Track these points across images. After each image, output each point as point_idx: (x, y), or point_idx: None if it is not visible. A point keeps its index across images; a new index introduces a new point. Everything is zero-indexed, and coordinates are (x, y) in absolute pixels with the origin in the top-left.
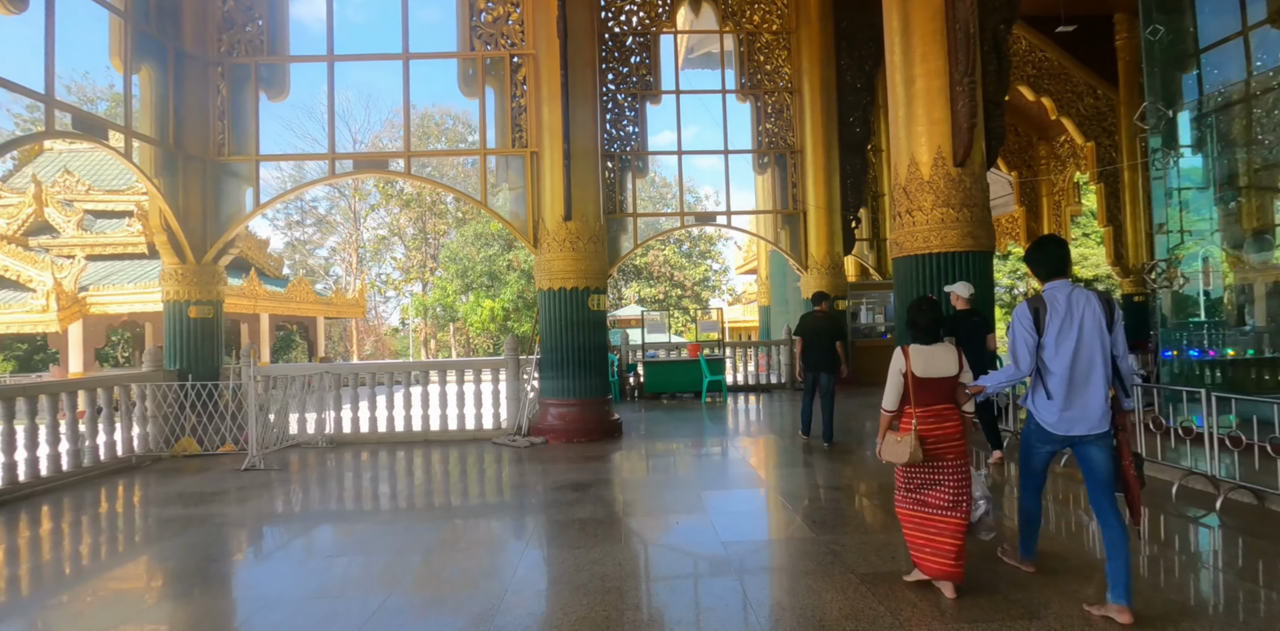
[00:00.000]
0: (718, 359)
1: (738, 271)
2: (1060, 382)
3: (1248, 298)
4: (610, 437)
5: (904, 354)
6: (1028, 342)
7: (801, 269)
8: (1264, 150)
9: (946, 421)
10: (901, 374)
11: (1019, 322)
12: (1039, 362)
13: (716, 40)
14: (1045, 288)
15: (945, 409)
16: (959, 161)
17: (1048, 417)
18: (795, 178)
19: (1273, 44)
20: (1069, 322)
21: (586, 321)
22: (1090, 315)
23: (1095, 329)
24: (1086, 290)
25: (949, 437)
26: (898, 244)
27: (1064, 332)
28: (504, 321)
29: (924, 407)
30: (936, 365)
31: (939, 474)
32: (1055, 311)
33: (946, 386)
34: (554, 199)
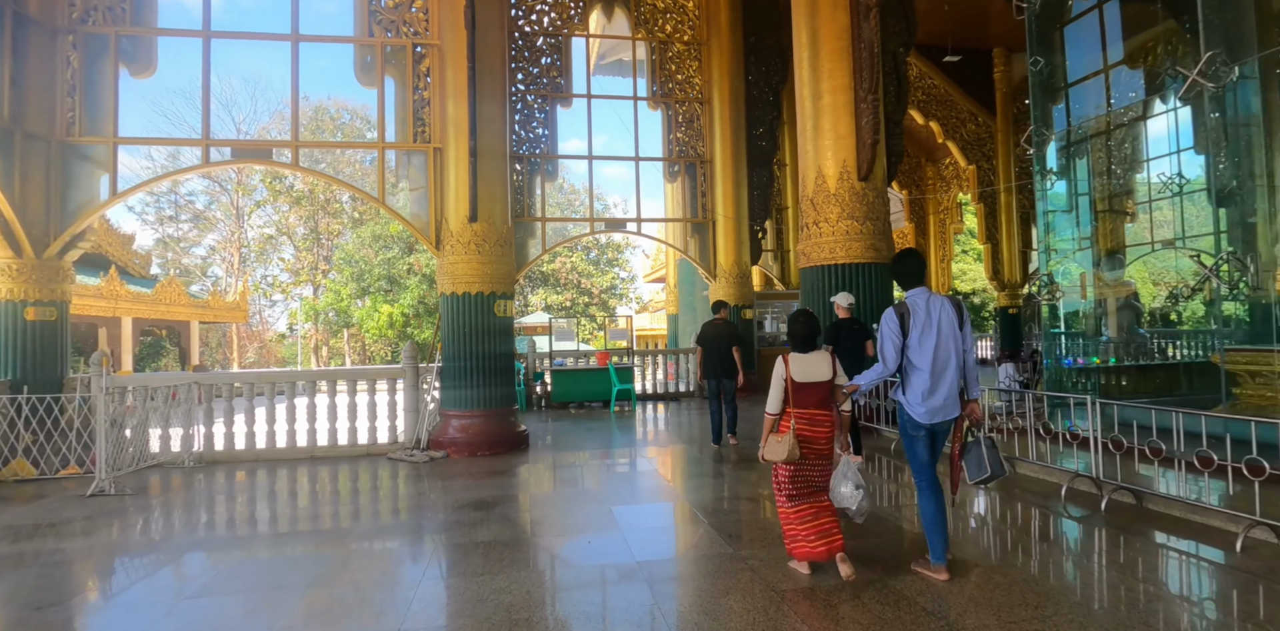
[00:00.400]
0: (626, 367)
1: (645, 279)
2: (924, 377)
3: (1104, 311)
4: (516, 450)
5: (784, 361)
6: (895, 343)
7: (710, 278)
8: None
9: (819, 426)
10: (782, 379)
11: (887, 326)
12: (905, 360)
13: (628, 47)
14: (907, 295)
15: (819, 414)
16: (863, 176)
17: (917, 409)
18: (705, 187)
19: (1125, 83)
20: (929, 325)
21: (492, 328)
22: (946, 318)
23: (950, 329)
24: (940, 296)
25: (821, 440)
26: (805, 254)
27: (925, 333)
28: (403, 328)
29: (802, 410)
30: (813, 371)
31: (814, 469)
32: (917, 315)
33: (822, 390)
34: (459, 199)
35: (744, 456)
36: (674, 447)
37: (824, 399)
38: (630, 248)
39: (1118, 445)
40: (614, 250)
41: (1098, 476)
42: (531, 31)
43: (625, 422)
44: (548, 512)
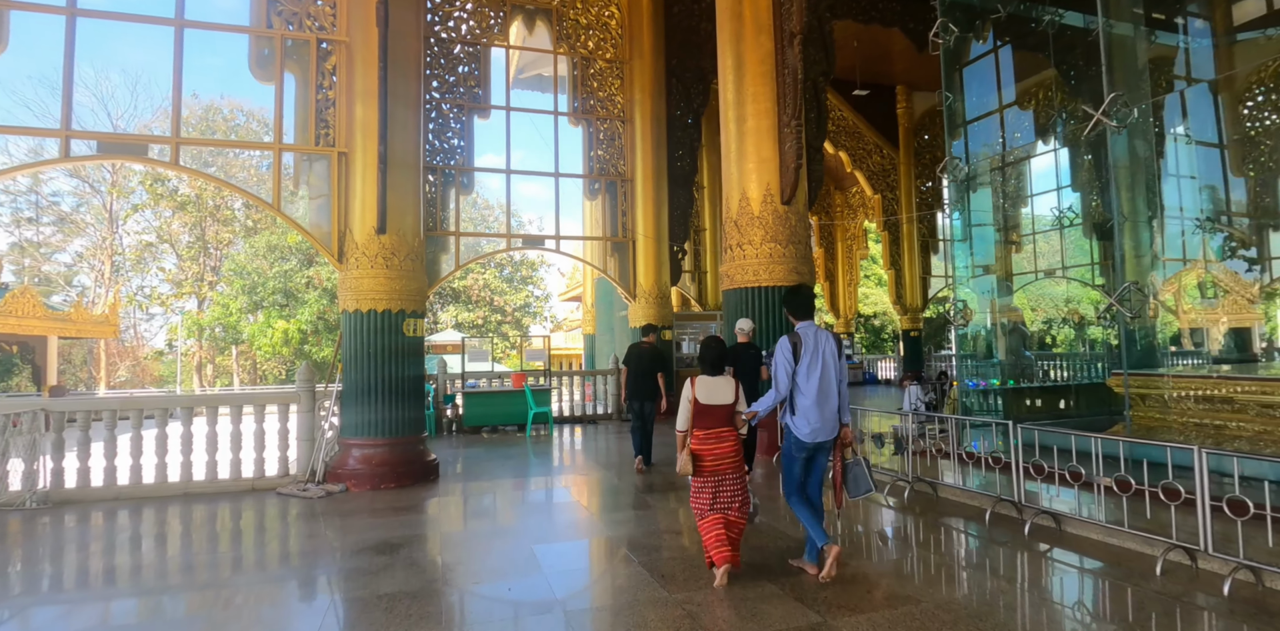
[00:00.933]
0: (544, 389)
1: (560, 298)
2: (810, 401)
3: (1008, 335)
4: (425, 481)
5: (692, 384)
6: (788, 370)
7: (630, 298)
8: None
9: (724, 442)
10: (689, 401)
11: (781, 354)
12: (794, 386)
13: (549, 62)
14: (798, 326)
15: (724, 431)
16: (786, 199)
17: (803, 430)
18: (625, 206)
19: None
20: (816, 354)
21: (401, 348)
22: (829, 348)
23: (832, 359)
24: (823, 329)
25: (727, 455)
26: (728, 276)
27: (813, 362)
28: (300, 345)
29: (705, 430)
30: (717, 394)
31: (724, 484)
32: (807, 346)
33: (724, 412)
34: (366, 208)
35: (667, 483)
36: (595, 475)
37: (726, 419)
38: (545, 265)
39: (1038, 469)
40: (528, 268)
41: (1020, 500)
42: (449, 38)
43: (542, 448)
44: (462, 554)
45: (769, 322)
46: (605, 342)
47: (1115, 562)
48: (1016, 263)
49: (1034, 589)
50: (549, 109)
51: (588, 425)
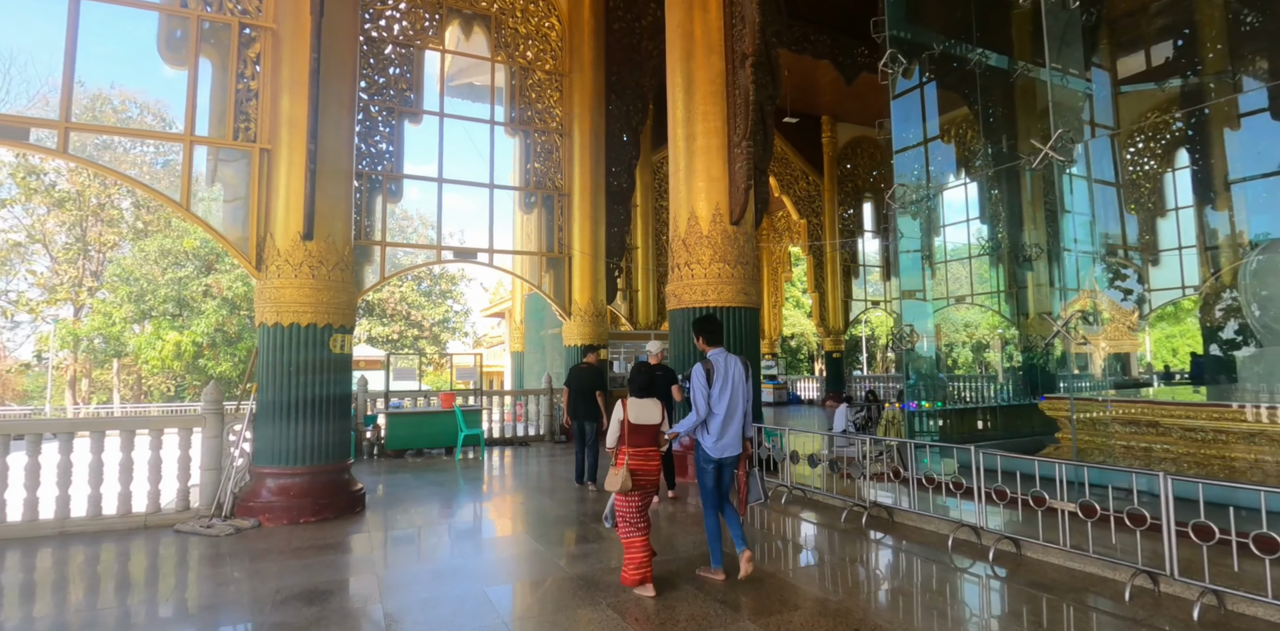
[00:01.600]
0: (475, 410)
1: (483, 314)
2: (719, 421)
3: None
4: (351, 514)
5: (624, 405)
6: (704, 394)
7: (564, 315)
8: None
9: (650, 460)
10: (620, 421)
11: (698, 379)
12: (709, 408)
13: (485, 70)
14: (710, 354)
15: (650, 450)
16: (735, 219)
17: (711, 445)
18: (562, 221)
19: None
20: (726, 379)
21: (326, 366)
22: (737, 373)
23: (740, 383)
24: (733, 355)
25: (652, 473)
26: (675, 296)
27: (724, 386)
28: (194, 359)
29: (635, 448)
30: (645, 415)
31: (645, 500)
32: (719, 371)
33: (651, 432)
34: (291, 212)
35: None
36: (537, 503)
37: (653, 438)
38: (466, 280)
39: (1000, 494)
40: (448, 282)
41: (983, 526)
42: (379, 38)
43: (474, 472)
44: (406, 601)
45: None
46: (535, 360)
47: (1082, 587)
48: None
49: (1011, 618)
50: (485, 117)
51: (519, 447)
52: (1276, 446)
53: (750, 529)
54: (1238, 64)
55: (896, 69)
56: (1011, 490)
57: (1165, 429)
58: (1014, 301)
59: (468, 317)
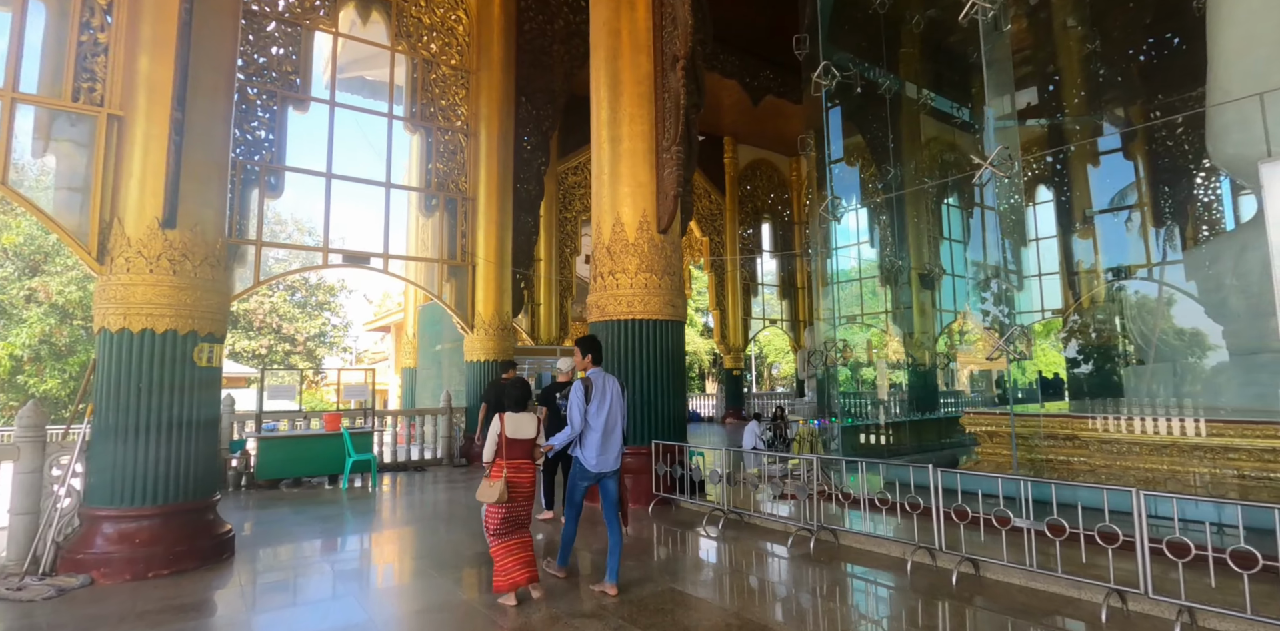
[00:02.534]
0: (365, 432)
1: (366, 327)
2: (597, 437)
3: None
4: (216, 562)
5: (501, 419)
6: (582, 410)
7: (466, 328)
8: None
9: (524, 473)
10: (497, 434)
11: (576, 396)
12: (585, 424)
13: (384, 61)
14: (590, 372)
15: (525, 463)
16: (663, 228)
17: (591, 461)
18: (466, 227)
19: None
20: (604, 397)
21: (189, 382)
22: (614, 392)
23: (617, 401)
24: (609, 375)
25: (526, 485)
26: (599, 307)
27: (601, 403)
28: (11, 376)
29: (511, 460)
30: (522, 429)
31: (520, 509)
32: (597, 388)
33: (527, 446)
34: (148, 193)
35: (553, 542)
36: (450, 540)
37: (529, 451)
38: (346, 291)
39: (960, 514)
40: (326, 293)
41: (941, 547)
42: (261, 12)
43: (365, 505)
44: None
45: (642, 357)
46: (429, 377)
47: (1053, 610)
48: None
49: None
50: (383, 110)
51: (415, 473)
52: (1188, 457)
53: (690, 559)
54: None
55: (830, 81)
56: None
57: (1083, 442)
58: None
59: (347, 331)
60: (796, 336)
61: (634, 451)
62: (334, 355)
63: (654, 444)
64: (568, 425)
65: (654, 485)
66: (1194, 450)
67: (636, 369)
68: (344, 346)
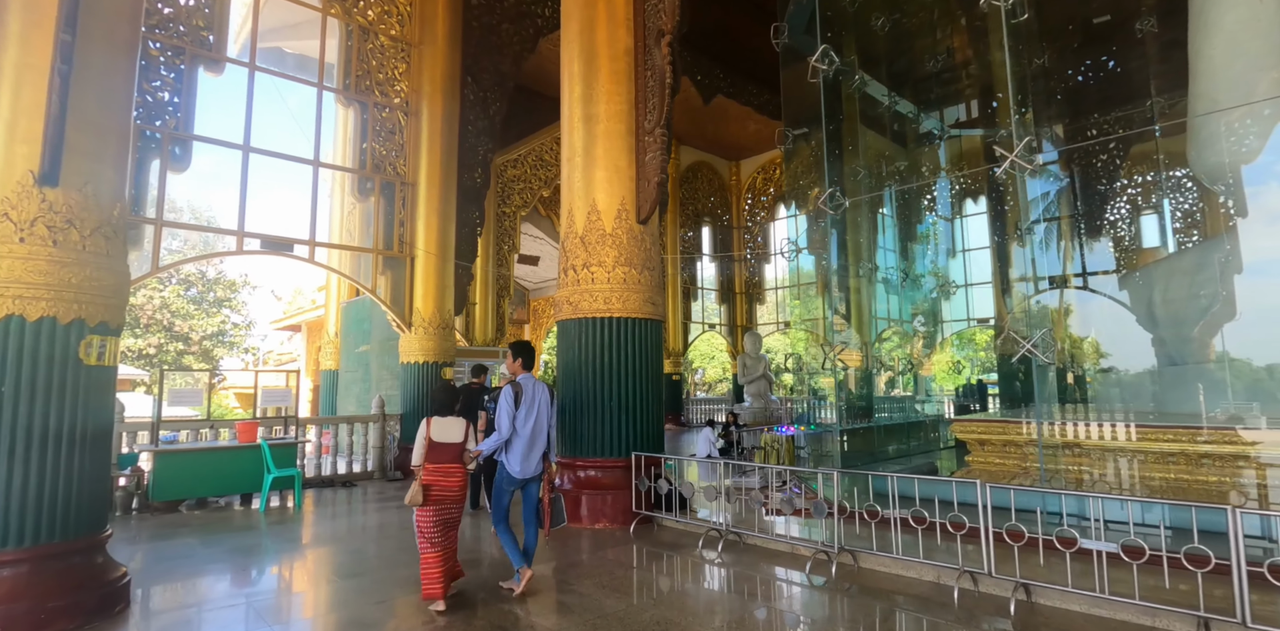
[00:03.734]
0: (288, 444)
1: (274, 327)
2: (523, 443)
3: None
4: (106, 621)
5: (427, 423)
6: (510, 415)
7: (403, 327)
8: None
9: (451, 477)
10: (424, 438)
11: (505, 401)
12: (513, 429)
13: (313, 26)
14: (519, 378)
15: (452, 467)
16: (643, 218)
17: (515, 467)
18: (404, 215)
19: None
20: (532, 403)
21: (72, 386)
22: (542, 398)
23: (545, 408)
24: (539, 381)
25: (453, 489)
26: (570, 303)
27: (529, 410)
28: None
29: (436, 464)
30: (448, 433)
31: (451, 514)
32: (526, 395)
33: (454, 450)
34: (19, 136)
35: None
36: (399, 578)
37: (456, 456)
38: (250, 287)
39: (1016, 535)
40: (226, 288)
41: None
42: None
43: (288, 530)
44: None
45: (619, 359)
46: (355, 381)
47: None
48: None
49: None
50: (312, 79)
51: (343, 489)
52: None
53: (691, 588)
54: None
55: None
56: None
57: (1084, 450)
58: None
59: (250, 330)
60: (735, 341)
61: (607, 464)
62: (234, 356)
63: (634, 456)
64: (495, 431)
65: (634, 502)
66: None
67: (613, 372)
68: (246, 347)
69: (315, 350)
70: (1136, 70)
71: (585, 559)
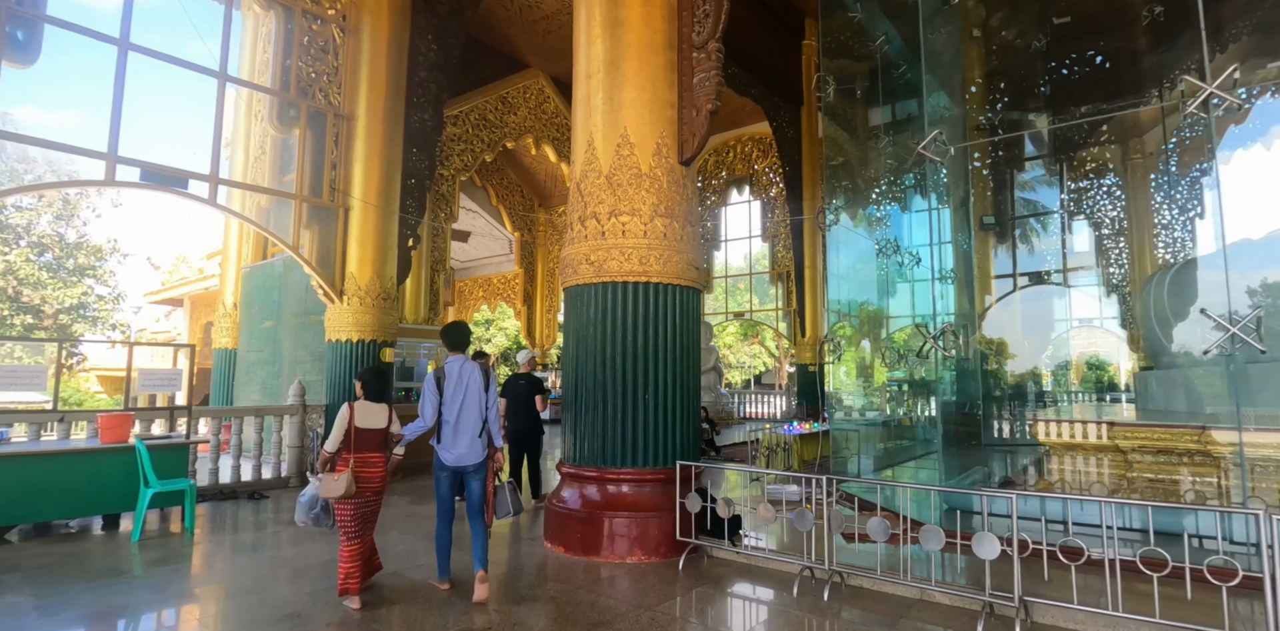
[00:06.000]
0: (176, 445)
1: (149, 299)
2: (451, 429)
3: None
4: None
5: (350, 408)
6: (433, 401)
7: (332, 296)
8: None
9: (373, 467)
10: (345, 423)
11: (428, 387)
12: (441, 415)
13: None
14: (447, 361)
15: (374, 456)
16: (687, 157)
17: (445, 454)
18: (338, 156)
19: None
20: (460, 386)
21: None
22: (474, 382)
23: (476, 391)
24: (473, 362)
25: (374, 479)
26: (591, 262)
27: (456, 393)
28: None
29: (359, 453)
30: (371, 419)
31: (370, 506)
32: (451, 378)
33: (377, 437)
34: None
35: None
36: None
37: (378, 443)
38: (119, 254)
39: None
40: (90, 254)
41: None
42: None
43: (175, 575)
44: None
45: (657, 337)
46: (261, 363)
47: None
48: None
49: None
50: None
51: (249, 502)
52: None
53: None
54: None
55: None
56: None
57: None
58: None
59: (119, 303)
60: None
61: (643, 478)
62: (99, 333)
63: (680, 466)
64: (419, 417)
65: (679, 527)
66: None
67: (650, 355)
68: (113, 323)
69: (201, 327)
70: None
71: (623, 611)
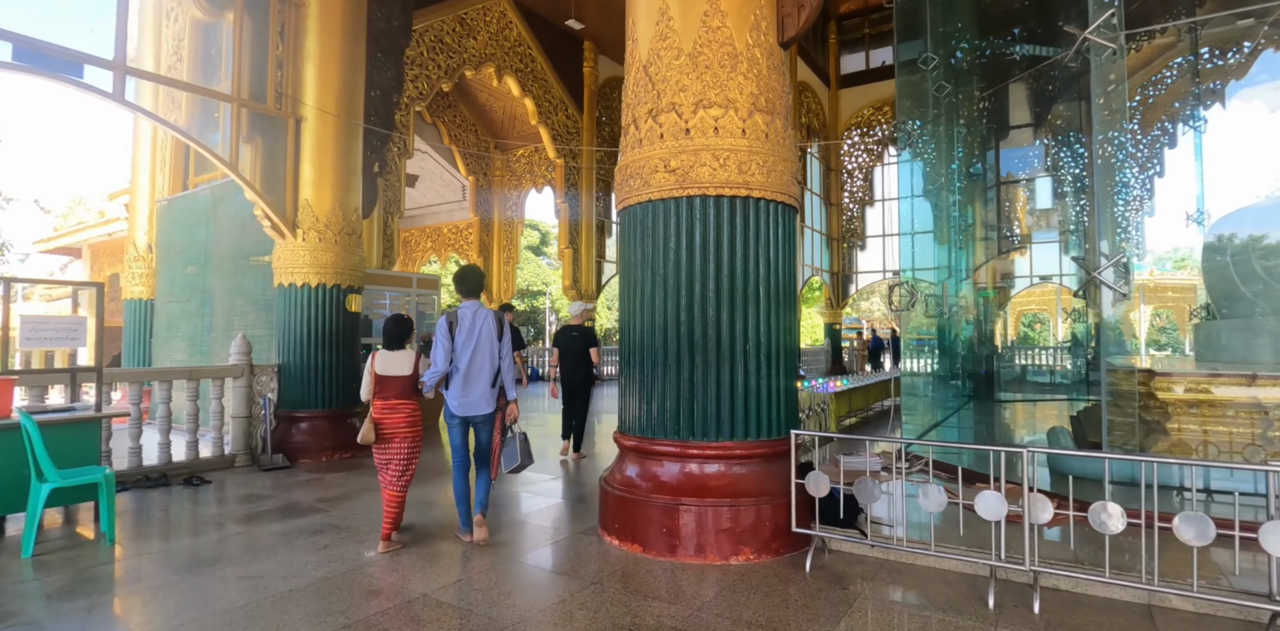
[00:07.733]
0: (81, 419)
1: (40, 248)
2: (460, 377)
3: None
4: None
5: (373, 357)
6: (445, 347)
7: (284, 229)
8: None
9: (398, 412)
10: (369, 372)
11: (439, 332)
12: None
13: None
14: (460, 306)
15: (399, 403)
16: (788, 37)
17: (453, 403)
18: (285, 52)
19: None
20: (471, 333)
21: None
22: (487, 328)
23: (489, 339)
24: (487, 309)
25: (400, 425)
26: (670, 169)
27: (467, 341)
28: None
29: (383, 400)
30: (394, 366)
31: (393, 451)
32: (463, 325)
33: (401, 384)
34: None
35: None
36: None
37: (402, 392)
38: (2, 198)
39: None
40: None
41: None
42: None
43: (90, 608)
44: None
45: (756, 266)
46: (188, 316)
47: None
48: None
49: None
50: None
51: (186, 488)
52: None
53: None
54: None
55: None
56: None
57: None
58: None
59: (4, 254)
60: None
61: (740, 453)
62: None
63: (793, 436)
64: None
65: (795, 515)
66: None
67: (748, 293)
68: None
69: (107, 280)
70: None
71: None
